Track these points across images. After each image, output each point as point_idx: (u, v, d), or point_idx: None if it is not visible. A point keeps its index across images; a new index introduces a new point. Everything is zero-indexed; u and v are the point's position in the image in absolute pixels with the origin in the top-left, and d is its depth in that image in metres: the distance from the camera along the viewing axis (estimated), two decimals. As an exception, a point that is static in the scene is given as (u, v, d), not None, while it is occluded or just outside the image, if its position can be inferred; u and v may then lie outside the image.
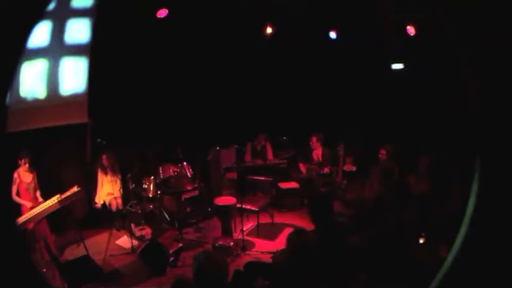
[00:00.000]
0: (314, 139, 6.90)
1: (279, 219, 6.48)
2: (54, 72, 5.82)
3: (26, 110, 5.62)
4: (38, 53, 5.54)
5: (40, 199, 5.23)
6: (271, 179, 6.76)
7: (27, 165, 5.15)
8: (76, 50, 5.99)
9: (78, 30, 5.86)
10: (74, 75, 6.08)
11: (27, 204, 5.11)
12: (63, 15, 5.63)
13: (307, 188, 6.75)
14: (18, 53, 1.50)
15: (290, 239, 2.60)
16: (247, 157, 7.25)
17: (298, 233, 2.65)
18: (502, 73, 1.48)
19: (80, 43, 5.98)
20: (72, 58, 5.99)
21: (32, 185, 5.25)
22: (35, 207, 5.02)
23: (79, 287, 4.44)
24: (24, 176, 5.19)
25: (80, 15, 5.81)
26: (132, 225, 6.00)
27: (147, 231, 5.97)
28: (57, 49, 5.74)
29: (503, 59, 1.48)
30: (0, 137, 1.81)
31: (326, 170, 6.74)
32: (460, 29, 1.52)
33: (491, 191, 1.51)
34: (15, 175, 5.14)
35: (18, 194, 5.15)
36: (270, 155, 7.28)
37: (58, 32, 5.64)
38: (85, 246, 5.17)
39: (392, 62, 6.73)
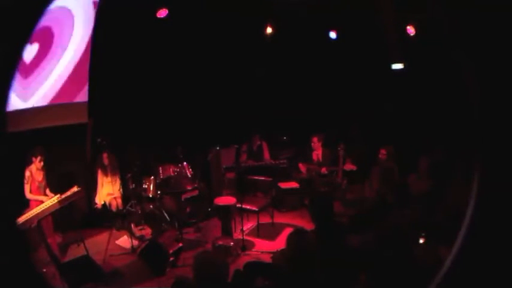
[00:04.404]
0: (315, 139, 6.89)
1: (279, 219, 6.47)
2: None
3: (26, 110, 5.62)
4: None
5: (51, 195, 5.21)
6: (271, 179, 6.76)
7: (41, 163, 5.12)
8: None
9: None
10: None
11: (44, 198, 5.07)
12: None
13: (307, 188, 6.76)
14: (19, 51, 1.51)
15: (290, 239, 2.60)
16: (243, 157, 7.25)
17: (298, 233, 2.65)
18: (502, 73, 1.48)
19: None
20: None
21: (43, 183, 5.25)
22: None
23: (79, 287, 4.45)
24: (36, 174, 5.17)
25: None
26: (132, 225, 6.00)
27: (147, 231, 5.98)
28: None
29: (503, 59, 1.48)
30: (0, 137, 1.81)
31: (324, 170, 6.74)
32: (459, 29, 1.52)
33: (491, 191, 1.52)
34: (27, 173, 5.08)
35: (30, 193, 5.13)
36: (266, 154, 7.27)
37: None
38: (85, 246, 5.16)
39: (392, 62, 6.73)
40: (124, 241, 5.77)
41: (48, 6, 1.57)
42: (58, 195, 4.94)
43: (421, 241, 3.75)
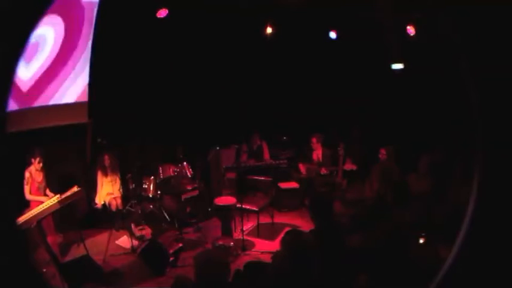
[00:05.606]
0: (314, 140, 6.90)
1: (279, 219, 6.47)
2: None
3: (26, 110, 5.62)
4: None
5: (51, 195, 5.20)
6: (271, 179, 6.76)
7: (40, 164, 5.12)
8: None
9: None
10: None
11: (44, 199, 5.06)
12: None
13: (307, 188, 6.75)
14: (21, 49, 1.51)
15: (284, 241, 2.59)
16: (243, 157, 7.25)
17: (291, 234, 2.63)
18: (502, 73, 1.48)
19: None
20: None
21: (43, 184, 5.24)
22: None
23: (79, 287, 4.45)
24: (36, 175, 5.16)
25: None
26: (132, 225, 5.99)
27: (147, 231, 5.97)
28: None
29: (503, 59, 1.48)
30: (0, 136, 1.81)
31: (324, 170, 6.73)
32: (459, 30, 1.52)
33: (491, 191, 1.52)
34: (27, 174, 5.07)
35: (30, 194, 5.13)
36: (266, 154, 7.27)
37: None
38: (85, 246, 5.17)
39: (392, 62, 6.73)
40: (124, 241, 5.77)
41: (46, 8, 1.57)
42: (58, 196, 4.92)
43: (421, 241, 3.74)
